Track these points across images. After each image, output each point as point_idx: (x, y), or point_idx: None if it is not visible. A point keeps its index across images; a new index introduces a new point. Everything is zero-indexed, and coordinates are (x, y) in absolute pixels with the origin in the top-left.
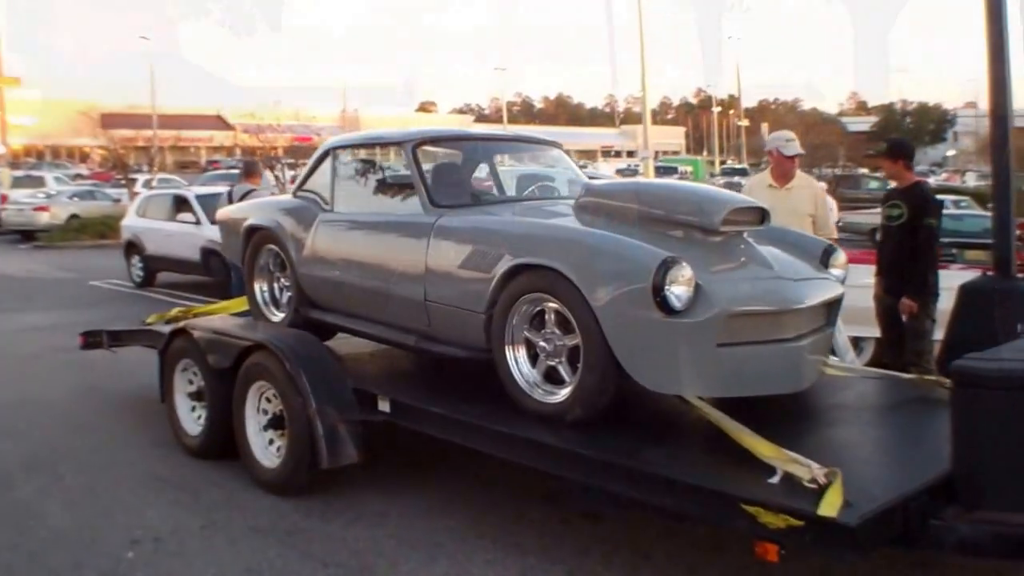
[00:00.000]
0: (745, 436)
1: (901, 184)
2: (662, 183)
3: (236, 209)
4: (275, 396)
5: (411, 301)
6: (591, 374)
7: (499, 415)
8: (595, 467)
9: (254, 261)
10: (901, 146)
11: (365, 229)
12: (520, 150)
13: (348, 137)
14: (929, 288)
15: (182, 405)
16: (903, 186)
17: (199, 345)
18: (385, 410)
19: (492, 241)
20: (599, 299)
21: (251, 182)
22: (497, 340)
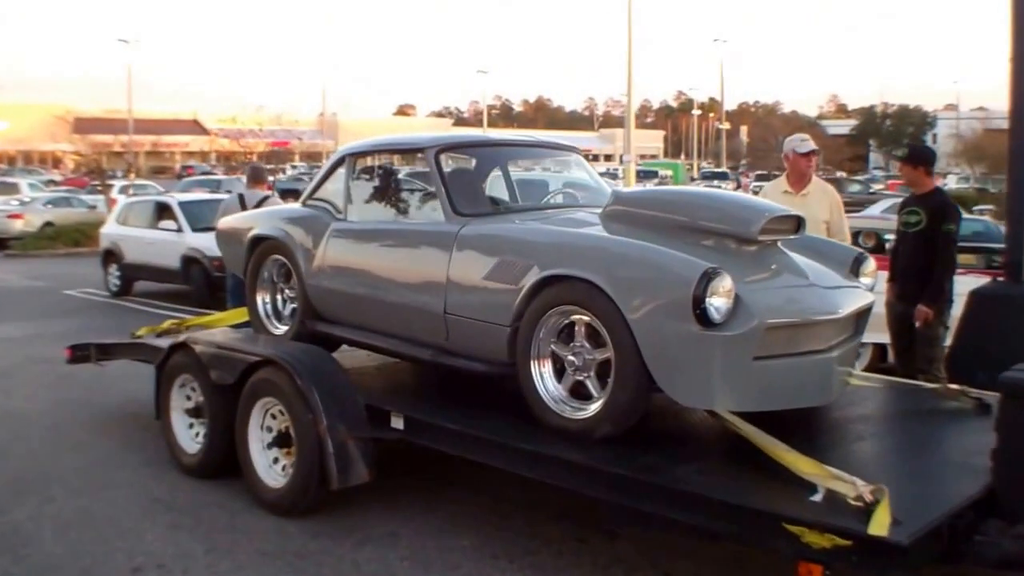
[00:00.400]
0: (782, 452)
1: (919, 190)
2: (694, 191)
3: (239, 219)
4: (281, 413)
5: (429, 313)
6: (623, 390)
7: (520, 432)
8: (627, 486)
9: (257, 272)
10: (922, 152)
11: (381, 239)
12: (540, 155)
13: (364, 143)
14: (945, 295)
15: (179, 422)
16: (921, 193)
17: (201, 360)
18: (399, 427)
19: (520, 251)
20: (635, 311)
21: (259, 188)
22: (522, 354)
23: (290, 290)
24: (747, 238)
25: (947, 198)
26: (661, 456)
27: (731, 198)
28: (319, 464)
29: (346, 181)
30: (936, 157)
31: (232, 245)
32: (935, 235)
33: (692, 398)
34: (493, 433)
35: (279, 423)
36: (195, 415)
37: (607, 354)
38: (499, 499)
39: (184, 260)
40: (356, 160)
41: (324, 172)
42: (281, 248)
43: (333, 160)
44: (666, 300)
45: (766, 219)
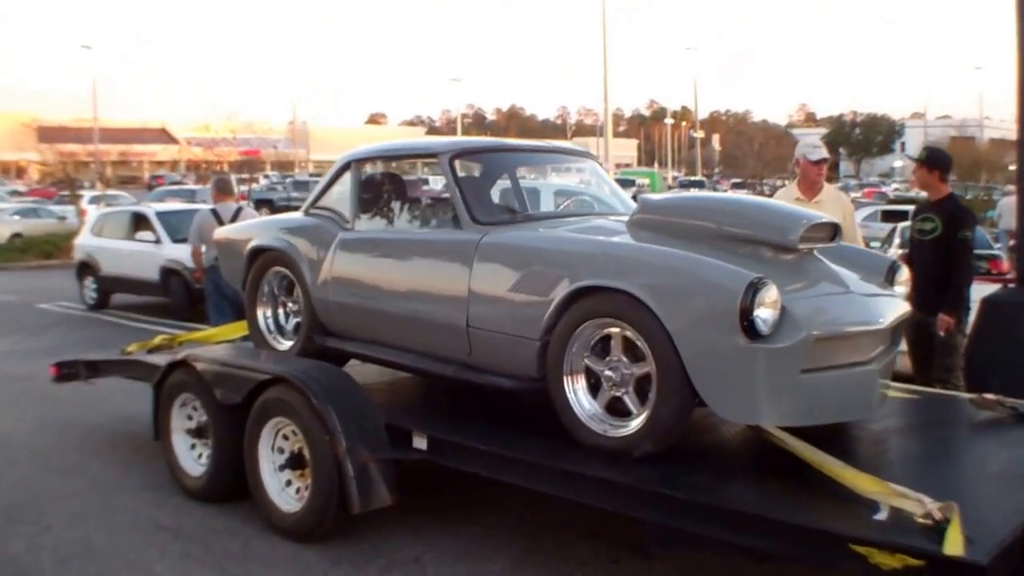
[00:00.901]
0: (838, 469)
1: (933, 196)
2: (725, 198)
3: (237, 229)
4: (294, 433)
5: (450, 327)
6: (666, 405)
7: (552, 451)
8: (678, 507)
9: (257, 285)
10: (940, 156)
11: (394, 249)
12: (555, 161)
13: (370, 149)
14: (964, 303)
15: (180, 443)
16: (936, 199)
17: (204, 378)
18: (421, 447)
19: (550, 261)
20: (678, 324)
21: (227, 199)
22: (554, 369)
23: (293, 303)
24: (786, 246)
25: (962, 205)
26: (708, 474)
27: (766, 205)
28: (338, 487)
29: (352, 189)
30: (952, 163)
31: (230, 257)
32: (951, 242)
33: (738, 413)
34: (526, 453)
35: (291, 444)
36: (198, 436)
37: (647, 368)
38: (524, 520)
39: (163, 272)
40: (362, 167)
41: (327, 180)
42: (284, 260)
43: (337, 167)
44: (711, 312)
45: (805, 227)
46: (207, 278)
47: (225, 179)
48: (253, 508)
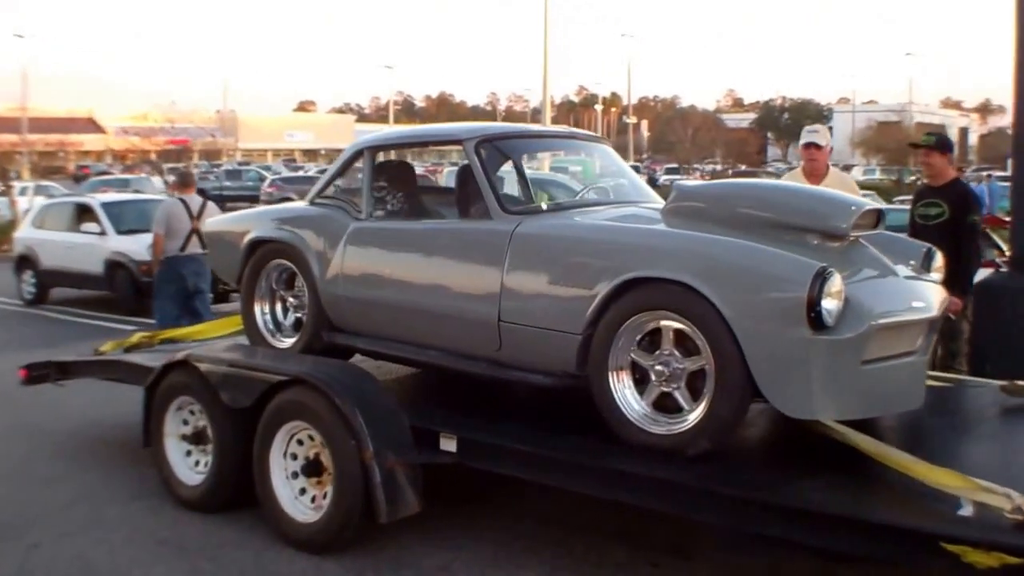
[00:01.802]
0: (910, 463)
1: (937, 181)
2: (765, 184)
3: (232, 220)
4: (310, 438)
5: (479, 322)
6: (725, 401)
7: (596, 450)
8: (746, 508)
9: (256, 279)
10: (948, 140)
11: (414, 240)
12: (571, 147)
13: (386, 135)
14: (972, 287)
15: (175, 450)
16: (940, 184)
17: (208, 380)
18: (450, 449)
19: (595, 251)
20: (739, 316)
21: (188, 192)
22: (597, 365)
23: (294, 298)
24: (836, 234)
25: (969, 188)
26: (769, 472)
27: (811, 191)
28: (364, 495)
29: (366, 177)
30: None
31: (222, 250)
32: (959, 227)
33: (799, 408)
34: (570, 453)
35: (307, 450)
36: (195, 442)
37: (701, 363)
38: (550, 522)
39: (108, 265)
40: (376, 154)
41: (337, 168)
42: (288, 252)
43: (348, 154)
44: (776, 303)
45: (857, 214)
46: (161, 269)
47: (187, 172)
48: (255, 518)
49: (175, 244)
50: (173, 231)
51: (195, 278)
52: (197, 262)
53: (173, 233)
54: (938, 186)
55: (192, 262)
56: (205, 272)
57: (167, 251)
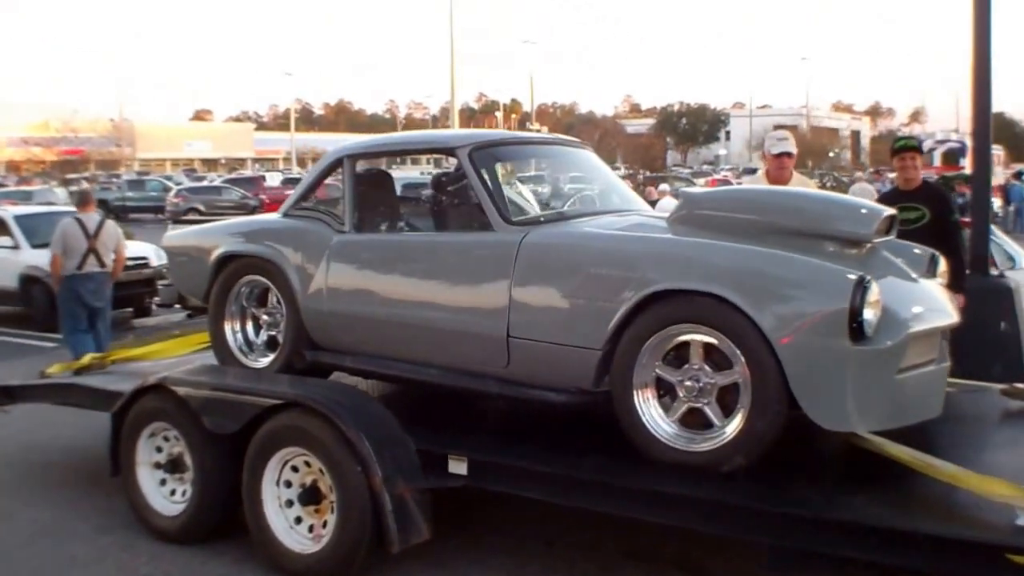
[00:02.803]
0: (958, 474)
1: (911, 185)
2: (779, 191)
3: (195, 234)
4: (307, 465)
5: (486, 338)
6: (762, 415)
7: (616, 469)
8: (795, 525)
9: (226, 296)
10: (919, 145)
11: (408, 253)
12: (559, 154)
13: (367, 143)
14: None
15: (148, 479)
16: (913, 187)
17: (189, 405)
18: (460, 472)
19: (615, 263)
20: (777, 328)
21: (88, 210)
22: (620, 381)
23: (268, 316)
24: (860, 240)
25: (944, 189)
26: (815, 487)
27: (825, 197)
28: (374, 524)
29: (348, 187)
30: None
31: (186, 265)
32: (944, 228)
33: (839, 420)
34: (595, 473)
35: (302, 477)
36: (172, 470)
37: (734, 377)
38: (552, 542)
39: (22, 279)
40: (356, 162)
41: (314, 178)
42: (263, 268)
43: (326, 163)
44: (816, 314)
45: (880, 219)
46: (62, 287)
47: (87, 191)
48: (241, 548)
49: (72, 263)
50: (70, 250)
51: (92, 296)
52: (95, 280)
53: (70, 252)
54: (911, 190)
55: (89, 281)
56: (103, 290)
57: (65, 270)
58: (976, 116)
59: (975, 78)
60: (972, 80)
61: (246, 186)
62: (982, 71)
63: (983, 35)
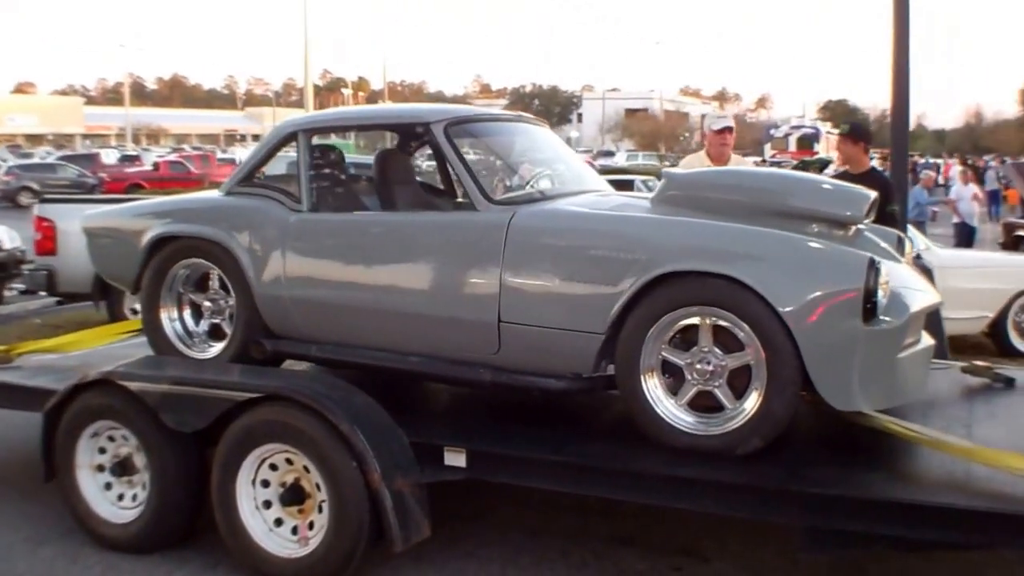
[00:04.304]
0: (976, 449)
1: (856, 169)
2: (764, 172)
3: (119, 214)
4: (288, 462)
5: (474, 323)
6: (780, 396)
7: (623, 455)
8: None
9: (160, 282)
10: (863, 129)
11: (380, 235)
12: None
13: (323, 116)
14: None
15: (90, 484)
16: (858, 172)
17: (143, 401)
18: (458, 464)
19: (618, 245)
20: (794, 310)
21: None
22: (626, 366)
23: (211, 302)
24: (850, 222)
25: (887, 177)
26: (833, 467)
27: (812, 179)
28: (372, 523)
29: (303, 164)
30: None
31: (110, 249)
32: (882, 216)
33: (849, 400)
34: (606, 460)
35: (282, 475)
36: (120, 472)
37: (746, 359)
38: (536, 530)
39: None
40: (311, 137)
41: (262, 153)
42: (208, 250)
43: (276, 138)
44: (831, 295)
45: (870, 202)
46: None
47: None
48: (207, 554)
49: None
50: None
51: None
52: None
53: None
54: (856, 174)
55: None
56: None
57: None
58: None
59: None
60: (892, 80)
61: (83, 163)
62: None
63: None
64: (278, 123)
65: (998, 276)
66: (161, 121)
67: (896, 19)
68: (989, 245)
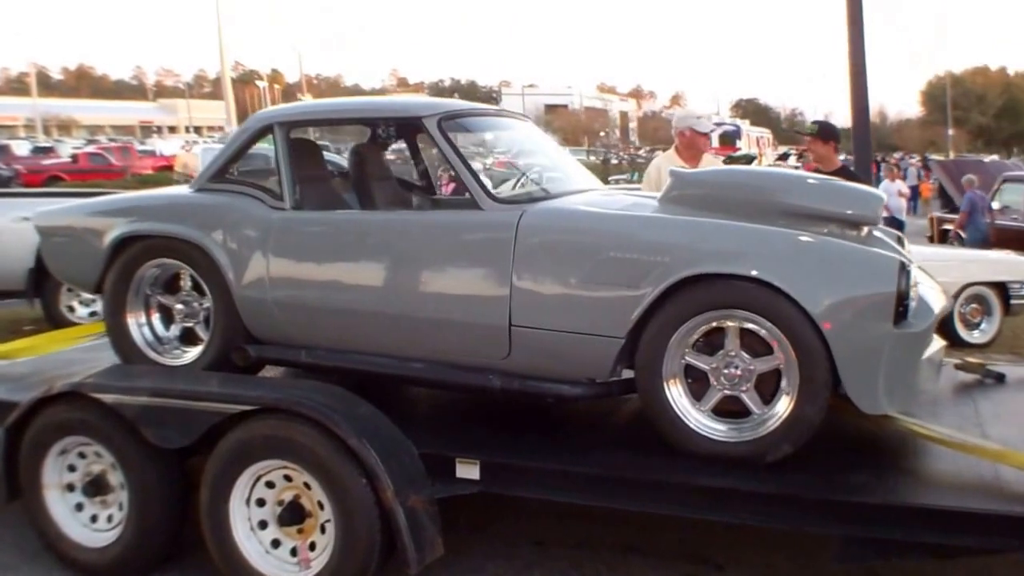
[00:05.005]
0: (1008, 453)
1: (828, 168)
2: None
3: (78, 212)
4: (287, 479)
5: (482, 327)
6: (813, 401)
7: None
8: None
9: (126, 285)
10: (833, 128)
11: (374, 233)
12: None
13: (302, 108)
14: None
15: (59, 505)
16: (830, 171)
17: (119, 415)
18: (471, 477)
19: (639, 246)
20: (826, 313)
21: None
22: (648, 371)
23: (182, 304)
24: (867, 222)
25: (856, 176)
26: (863, 473)
27: (824, 180)
28: (383, 543)
29: (283, 158)
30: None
31: (68, 248)
32: None
33: (877, 404)
34: (639, 471)
35: (279, 493)
36: (92, 492)
37: (775, 363)
38: (541, 541)
39: None
40: (290, 130)
41: (234, 148)
42: (181, 250)
43: (251, 131)
44: (865, 298)
45: (884, 202)
46: None
47: None
48: None
49: None
50: None
51: None
52: None
53: None
54: (829, 172)
55: None
56: None
57: None
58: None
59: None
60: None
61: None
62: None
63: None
64: (252, 115)
65: (944, 270)
66: (72, 112)
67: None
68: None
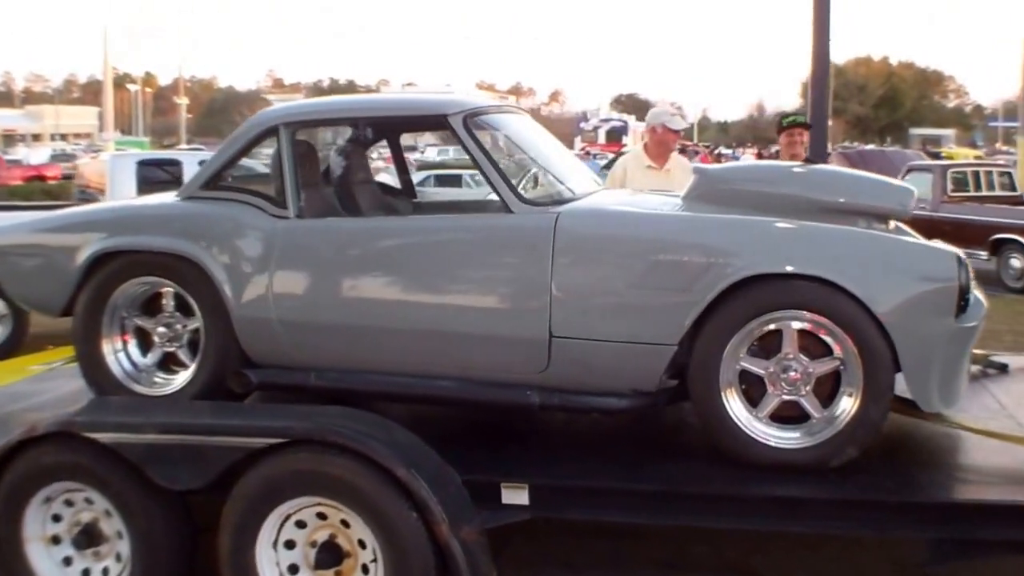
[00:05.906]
0: None
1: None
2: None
3: (43, 225)
4: (320, 516)
5: (520, 340)
6: (877, 401)
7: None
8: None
9: (100, 307)
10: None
11: (398, 242)
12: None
13: (310, 107)
14: None
15: (42, 560)
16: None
17: (119, 456)
18: (520, 503)
19: (693, 248)
20: (889, 309)
21: None
22: (704, 380)
23: (165, 327)
24: (897, 217)
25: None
26: (924, 472)
27: (859, 174)
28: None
29: (288, 162)
30: None
31: (32, 267)
32: None
33: (939, 401)
34: (702, 485)
35: (311, 533)
36: (84, 544)
37: (833, 364)
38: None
39: None
40: (296, 132)
41: (232, 151)
42: (169, 267)
43: (252, 134)
44: (929, 294)
45: (915, 195)
46: None
47: None
48: None
49: None
50: None
51: None
52: None
53: None
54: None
55: None
56: None
57: None
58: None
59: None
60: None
61: None
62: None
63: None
64: (255, 115)
65: None
66: None
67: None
68: None
